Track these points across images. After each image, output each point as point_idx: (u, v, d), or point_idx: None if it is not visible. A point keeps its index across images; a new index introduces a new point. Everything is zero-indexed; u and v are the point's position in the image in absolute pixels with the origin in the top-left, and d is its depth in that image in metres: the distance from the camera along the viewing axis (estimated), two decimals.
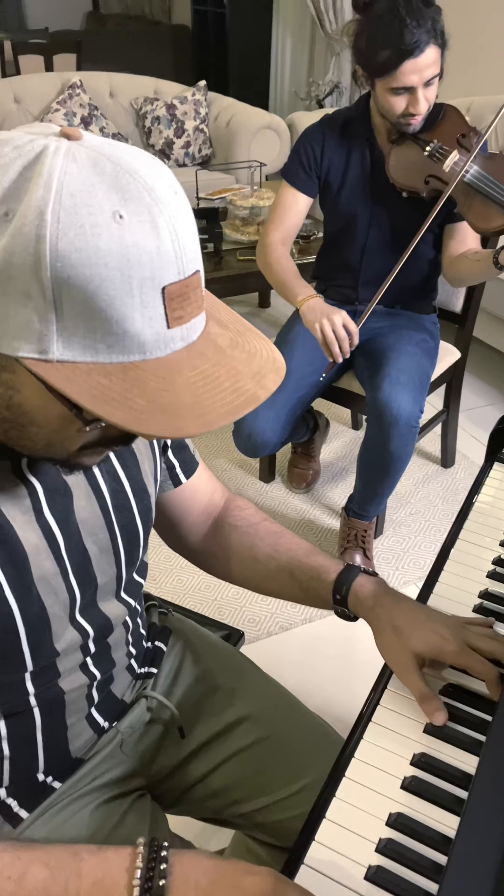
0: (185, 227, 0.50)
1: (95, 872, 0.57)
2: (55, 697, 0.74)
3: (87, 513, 0.70)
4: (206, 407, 0.49)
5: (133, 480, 0.76)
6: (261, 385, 0.53)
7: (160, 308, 0.48)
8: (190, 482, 0.90)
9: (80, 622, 0.72)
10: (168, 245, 0.48)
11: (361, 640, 1.83)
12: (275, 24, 5.30)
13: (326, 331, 1.67)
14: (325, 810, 0.65)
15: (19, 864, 0.57)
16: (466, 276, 1.81)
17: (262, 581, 0.89)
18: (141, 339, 0.48)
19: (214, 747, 0.88)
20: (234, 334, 0.56)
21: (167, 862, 0.57)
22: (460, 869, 0.56)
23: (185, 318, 0.50)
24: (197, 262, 0.51)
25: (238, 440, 1.88)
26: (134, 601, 0.82)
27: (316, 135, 1.81)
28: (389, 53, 1.52)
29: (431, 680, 0.75)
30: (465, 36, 3.60)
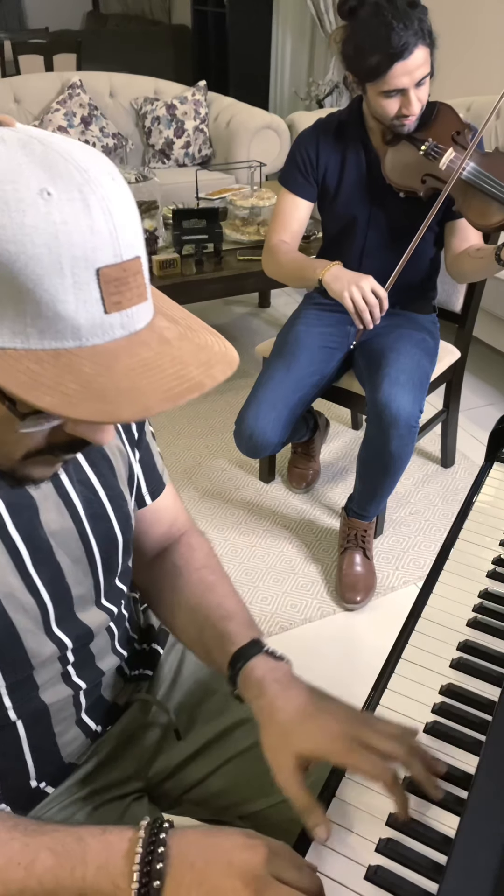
0: (121, 210, 0.47)
1: (99, 858, 0.59)
2: (38, 709, 0.73)
3: (57, 525, 0.69)
4: (144, 391, 0.47)
5: (109, 487, 0.74)
6: (208, 374, 0.50)
7: (95, 291, 0.46)
8: (155, 504, 0.87)
9: (57, 634, 0.71)
10: (101, 225, 0.46)
11: (361, 640, 1.83)
12: (275, 24, 5.30)
13: (357, 298, 1.64)
14: (325, 810, 0.65)
15: (28, 852, 0.59)
16: (469, 273, 1.81)
17: (176, 629, 0.85)
18: (75, 324, 0.46)
19: (214, 750, 0.88)
20: (185, 329, 0.53)
21: (165, 845, 0.58)
22: (460, 869, 0.56)
23: (125, 304, 0.48)
24: (137, 248, 0.49)
25: (239, 440, 1.88)
26: (117, 607, 0.80)
27: (310, 139, 1.81)
28: (378, 58, 1.52)
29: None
30: (465, 36, 3.60)
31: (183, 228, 2.49)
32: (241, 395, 1.95)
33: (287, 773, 0.65)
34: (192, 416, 2.73)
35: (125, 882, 0.57)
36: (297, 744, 0.65)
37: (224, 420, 2.68)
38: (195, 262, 2.51)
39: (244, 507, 2.27)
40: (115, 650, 0.83)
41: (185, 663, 0.94)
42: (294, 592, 1.96)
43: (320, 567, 2.04)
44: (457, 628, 0.83)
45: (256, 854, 0.58)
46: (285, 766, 0.65)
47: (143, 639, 0.94)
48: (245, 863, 0.57)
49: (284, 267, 1.84)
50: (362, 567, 1.94)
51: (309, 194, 1.86)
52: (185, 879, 0.57)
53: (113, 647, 0.82)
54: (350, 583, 1.91)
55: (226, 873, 0.57)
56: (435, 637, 0.82)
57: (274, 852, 0.58)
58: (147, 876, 0.57)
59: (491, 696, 0.74)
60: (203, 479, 2.39)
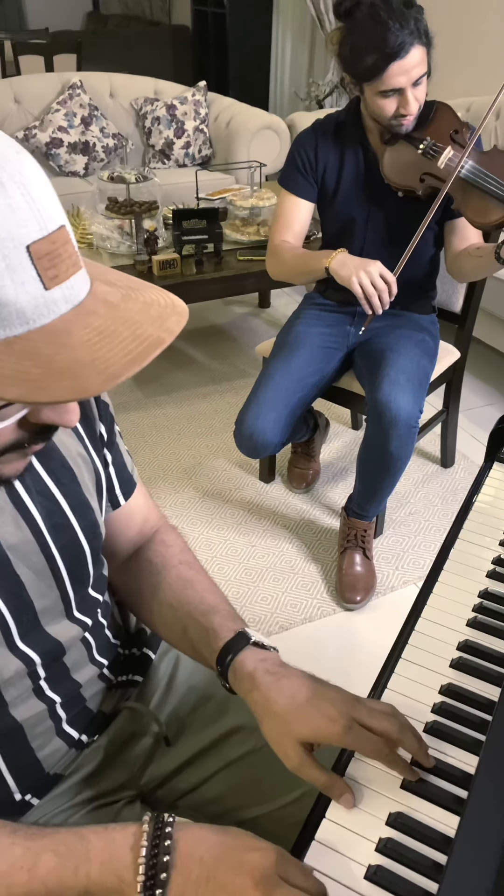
0: (35, 183, 0.46)
1: (103, 854, 0.59)
2: (9, 726, 0.71)
3: (15, 538, 0.67)
4: (108, 360, 0.46)
5: (70, 496, 0.73)
6: (163, 328, 0.50)
7: (30, 269, 0.45)
8: (127, 504, 0.86)
9: (23, 649, 0.70)
10: (19, 201, 0.45)
11: (361, 640, 1.83)
12: (275, 25, 5.31)
13: (365, 283, 1.63)
14: (325, 810, 0.65)
15: (30, 855, 0.59)
16: (469, 272, 1.81)
17: (159, 629, 0.84)
18: (19, 307, 0.45)
19: (209, 757, 0.87)
20: (126, 289, 0.52)
21: (171, 838, 0.58)
22: (460, 869, 0.56)
23: (62, 276, 0.47)
24: (59, 217, 0.48)
25: (239, 441, 1.88)
26: (92, 618, 0.79)
27: (309, 140, 1.81)
28: (375, 58, 1.52)
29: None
30: (465, 36, 3.60)
31: (183, 229, 2.49)
32: (241, 395, 1.95)
33: (296, 758, 0.65)
34: (192, 416, 2.73)
35: (130, 875, 0.57)
36: (296, 730, 0.66)
37: (224, 420, 2.68)
38: (195, 262, 2.51)
39: (244, 507, 2.27)
40: (94, 660, 0.81)
41: (179, 669, 0.92)
42: (294, 592, 1.96)
43: (320, 567, 2.04)
44: (457, 628, 0.83)
45: (267, 855, 0.58)
46: (292, 754, 0.66)
47: (133, 643, 0.92)
48: (255, 863, 0.57)
49: (289, 263, 1.84)
50: (362, 567, 1.94)
51: (309, 195, 1.86)
52: (193, 874, 0.57)
53: (91, 657, 0.80)
54: (350, 583, 1.91)
55: (235, 872, 0.57)
56: (435, 637, 0.82)
57: (282, 856, 0.58)
58: (153, 868, 0.57)
59: (491, 695, 0.74)
60: (203, 479, 2.39)
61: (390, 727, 0.65)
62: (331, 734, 0.64)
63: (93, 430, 0.78)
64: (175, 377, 2.98)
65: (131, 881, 0.57)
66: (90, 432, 0.77)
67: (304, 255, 1.81)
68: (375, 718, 0.65)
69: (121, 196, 2.74)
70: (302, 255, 1.81)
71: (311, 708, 0.66)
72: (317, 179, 1.84)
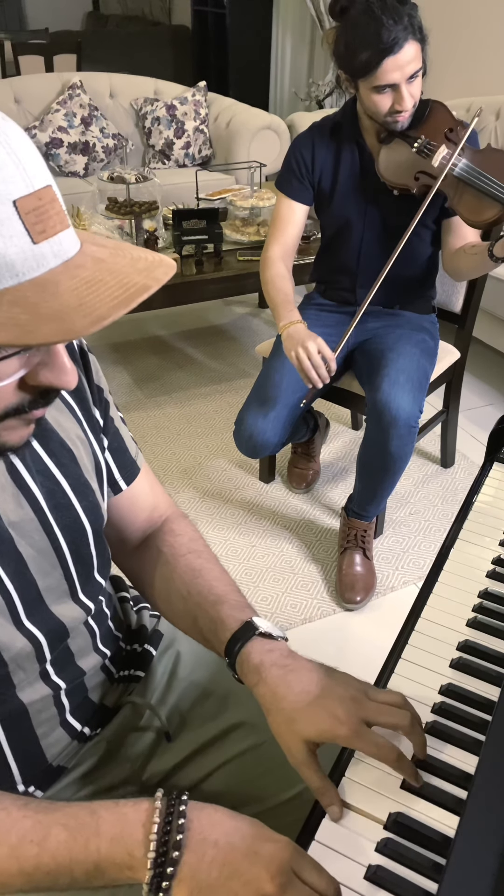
0: (20, 143, 0.48)
1: (113, 829, 0.59)
2: (16, 709, 0.72)
3: (16, 516, 0.68)
4: (94, 304, 0.48)
5: (71, 477, 0.74)
6: (150, 277, 0.51)
7: (17, 223, 0.47)
8: (130, 490, 0.86)
9: (29, 628, 0.70)
10: (4, 158, 0.46)
11: (361, 640, 1.83)
12: (275, 24, 5.31)
13: (302, 358, 1.67)
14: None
15: (40, 828, 0.59)
16: (465, 271, 1.81)
17: (172, 618, 0.84)
18: (8, 260, 0.46)
19: (209, 753, 0.87)
20: (114, 249, 0.54)
21: (185, 816, 0.58)
22: (460, 869, 0.56)
23: (49, 231, 0.48)
24: (46, 177, 0.50)
25: (238, 441, 1.88)
26: (96, 604, 0.79)
27: (306, 143, 1.82)
28: (369, 53, 1.53)
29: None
30: (465, 35, 3.60)
31: (183, 229, 2.49)
32: (241, 395, 1.95)
33: (299, 757, 0.65)
34: (192, 416, 2.73)
35: (141, 851, 0.57)
36: (303, 730, 0.65)
37: (224, 420, 2.68)
38: (195, 262, 2.51)
39: (244, 507, 2.27)
40: (97, 649, 0.82)
41: (179, 665, 0.93)
42: (294, 592, 1.96)
43: (320, 567, 2.04)
44: (457, 628, 0.83)
45: (283, 848, 0.57)
46: (296, 751, 0.65)
47: (135, 639, 0.93)
48: (271, 855, 0.57)
49: (267, 291, 1.87)
50: (362, 567, 1.94)
51: (305, 198, 1.87)
52: (207, 856, 0.57)
53: (94, 645, 0.81)
54: (350, 583, 1.91)
55: (251, 861, 0.57)
56: (435, 637, 0.82)
57: (298, 850, 0.58)
58: (164, 846, 0.57)
59: (491, 696, 0.74)
60: (203, 479, 2.39)
61: (401, 721, 0.64)
62: (337, 736, 0.64)
63: (90, 414, 0.78)
64: (175, 377, 2.98)
65: (141, 857, 0.57)
66: (87, 415, 0.78)
67: (277, 298, 1.83)
68: (385, 715, 0.64)
69: (121, 196, 2.74)
70: (278, 294, 1.83)
71: (318, 708, 0.65)
72: (313, 183, 1.84)
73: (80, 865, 0.58)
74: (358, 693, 0.66)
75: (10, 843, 0.58)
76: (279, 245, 1.89)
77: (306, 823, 0.65)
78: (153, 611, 0.98)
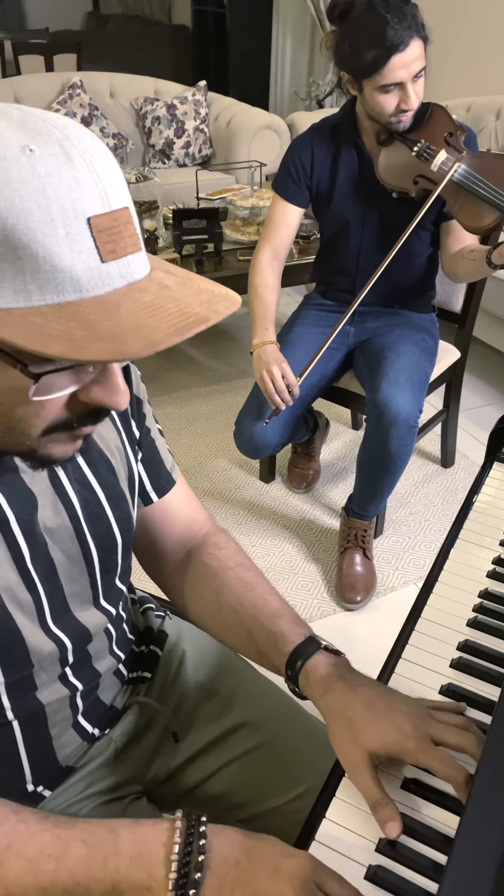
0: (104, 163, 0.49)
1: (133, 849, 0.58)
2: (35, 710, 0.72)
3: (53, 523, 0.69)
4: (151, 328, 0.48)
5: (107, 487, 0.74)
6: (211, 310, 0.51)
7: (88, 240, 0.47)
8: (163, 502, 0.86)
9: (55, 631, 0.71)
10: (86, 175, 0.47)
11: (361, 640, 1.83)
12: (275, 24, 5.30)
13: (266, 381, 1.73)
14: (325, 810, 0.65)
15: (59, 843, 0.58)
16: (463, 275, 1.81)
17: (221, 632, 0.84)
18: (74, 275, 0.47)
19: (212, 753, 0.87)
20: (183, 278, 0.54)
21: (206, 837, 0.58)
22: (460, 869, 0.56)
23: (119, 252, 0.49)
24: (124, 199, 0.50)
25: (239, 441, 1.88)
26: (115, 609, 0.80)
27: (304, 145, 1.82)
28: (375, 52, 1.52)
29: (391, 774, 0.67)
30: (465, 36, 3.60)
31: (183, 228, 2.49)
32: (241, 395, 1.95)
33: (359, 769, 0.64)
34: (192, 416, 2.73)
35: (161, 872, 0.57)
36: (368, 741, 0.64)
37: (224, 420, 2.68)
38: (195, 262, 2.51)
39: (244, 507, 2.27)
40: (113, 652, 0.82)
41: (183, 666, 0.93)
42: (294, 592, 1.96)
43: (320, 567, 2.04)
44: (457, 628, 0.83)
45: (304, 863, 0.57)
46: (357, 763, 0.64)
47: (142, 641, 0.93)
48: (293, 870, 0.56)
49: (251, 298, 1.88)
50: (362, 567, 1.94)
51: (301, 200, 1.86)
52: (229, 877, 0.56)
53: (111, 648, 0.81)
54: (350, 583, 1.91)
55: (273, 878, 0.56)
56: (435, 637, 0.82)
57: (319, 863, 0.58)
58: (186, 867, 0.56)
59: (491, 696, 0.74)
60: (203, 479, 2.39)
61: (467, 744, 0.64)
62: (403, 750, 0.63)
63: (128, 424, 0.79)
64: (175, 377, 2.98)
65: (162, 878, 0.56)
66: (126, 426, 0.79)
67: (258, 310, 1.85)
68: (452, 735, 0.64)
69: None
70: (259, 306, 1.85)
71: (385, 721, 0.64)
72: (310, 185, 1.84)
73: (97, 884, 0.57)
74: (423, 710, 0.66)
75: (28, 856, 0.58)
76: (270, 248, 1.89)
77: (306, 824, 0.65)
78: (158, 611, 0.98)
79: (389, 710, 0.65)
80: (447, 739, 0.64)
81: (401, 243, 1.67)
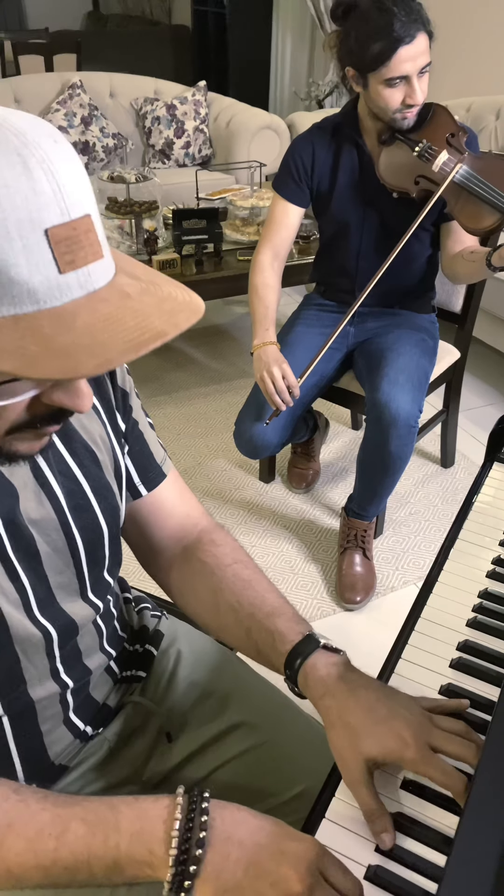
0: (65, 170, 0.47)
1: (134, 825, 0.58)
2: (25, 706, 0.72)
3: (37, 514, 0.68)
4: (105, 344, 0.47)
5: (92, 479, 0.73)
6: (170, 323, 0.50)
7: (46, 252, 0.46)
8: (154, 496, 0.85)
9: (41, 620, 0.70)
10: (44, 185, 0.46)
11: (361, 640, 1.83)
12: (275, 24, 5.31)
13: (267, 382, 1.73)
14: (325, 810, 0.65)
15: (59, 822, 0.58)
16: (463, 276, 1.81)
17: (219, 631, 0.83)
18: (30, 287, 0.46)
19: (209, 753, 0.87)
20: (147, 284, 0.53)
21: (208, 814, 0.58)
22: (460, 869, 0.56)
23: (79, 262, 0.48)
24: (86, 205, 0.49)
25: (238, 442, 1.88)
26: (104, 603, 0.80)
27: (305, 144, 1.81)
28: (382, 44, 1.53)
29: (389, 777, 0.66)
30: (465, 35, 3.60)
31: (183, 228, 2.49)
32: (241, 395, 1.95)
33: (356, 776, 0.63)
34: (192, 416, 2.73)
35: (162, 849, 0.56)
36: (367, 748, 0.63)
37: (224, 420, 2.68)
38: (195, 262, 2.51)
39: (244, 507, 2.27)
40: (104, 648, 0.82)
41: (180, 665, 0.93)
42: (294, 592, 1.96)
43: (320, 567, 2.04)
44: (457, 628, 0.83)
45: (310, 848, 0.57)
46: (354, 769, 0.63)
47: (137, 640, 0.93)
48: (299, 854, 0.56)
49: (252, 298, 1.88)
50: (362, 567, 1.94)
51: (301, 200, 1.86)
52: (232, 855, 0.56)
53: (101, 645, 0.81)
54: (350, 583, 1.91)
55: (278, 861, 0.56)
56: (435, 637, 0.82)
57: (324, 850, 0.58)
58: (187, 843, 0.56)
59: (491, 696, 0.74)
60: (203, 479, 2.39)
61: (467, 753, 0.63)
62: (403, 758, 0.62)
63: (113, 417, 0.79)
64: (175, 377, 2.98)
65: (162, 855, 0.56)
66: (111, 418, 0.78)
67: (259, 310, 1.84)
68: (452, 744, 0.63)
69: (121, 196, 2.74)
70: (260, 306, 1.85)
71: (385, 728, 0.63)
72: (311, 185, 1.84)
73: (98, 861, 0.57)
74: (423, 718, 0.65)
75: (28, 835, 0.58)
76: (270, 248, 1.89)
77: (306, 823, 0.65)
78: (154, 611, 0.98)
79: (390, 716, 0.64)
80: (447, 749, 0.63)
81: (401, 245, 1.66)
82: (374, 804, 0.62)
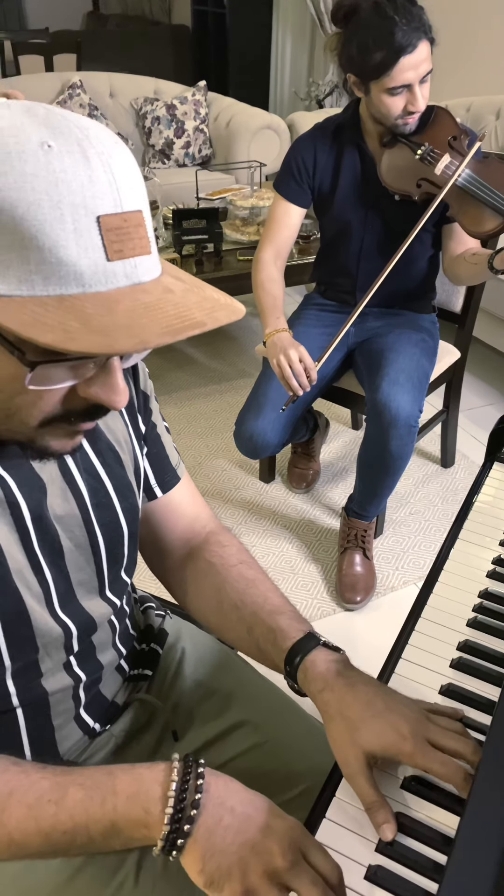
0: (122, 165, 0.50)
1: (130, 788, 0.60)
2: (39, 698, 0.73)
3: (62, 510, 0.69)
4: (144, 327, 0.48)
5: (115, 478, 0.75)
6: (211, 316, 0.52)
7: (96, 238, 0.48)
8: (167, 498, 0.87)
9: (62, 617, 0.71)
10: (100, 175, 0.48)
11: (361, 640, 1.83)
12: (275, 24, 5.31)
13: (283, 365, 1.69)
14: (325, 810, 0.65)
15: (58, 788, 0.60)
16: (464, 278, 1.81)
17: (222, 629, 0.84)
18: (78, 270, 0.47)
19: (211, 752, 0.87)
20: (190, 285, 0.55)
21: (203, 779, 0.59)
22: (460, 869, 0.56)
23: (126, 252, 0.49)
24: (139, 202, 0.51)
25: (239, 441, 1.88)
26: (120, 601, 0.80)
27: (307, 145, 1.81)
28: (384, 53, 1.52)
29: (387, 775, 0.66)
30: (465, 36, 3.60)
31: (183, 228, 2.49)
32: (242, 395, 1.95)
33: (355, 769, 0.64)
34: (192, 416, 2.73)
35: (157, 808, 0.58)
36: (365, 741, 0.64)
37: (224, 420, 2.68)
38: (195, 262, 2.51)
39: (244, 507, 2.27)
40: (115, 646, 0.83)
41: (183, 664, 0.93)
42: (294, 592, 1.96)
43: (320, 567, 2.04)
44: (457, 628, 0.83)
45: (294, 827, 0.59)
46: (353, 763, 0.64)
47: (143, 639, 0.94)
48: (284, 831, 0.58)
49: (257, 293, 1.88)
50: (362, 567, 1.94)
51: (302, 201, 1.86)
52: (224, 820, 0.58)
53: (113, 642, 0.82)
54: (350, 583, 1.91)
55: (265, 833, 0.58)
56: (435, 637, 0.82)
57: (305, 831, 0.59)
58: (182, 802, 0.58)
59: (491, 696, 0.74)
60: (203, 479, 2.39)
61: (465, 749, 0.64)
62: (400, 752, 0.63)
63: (135, 419, 0.80)
64: (175, 377, 2.98)
65: (157, 813, 0.58)
66: (133, 420, 0.79)
67: (266, 302, 1.84)
68: (449, 739, 0.64)
69: None
70: (267, 298, 1.84)
71: (384, 721, 0.64)
72: (312, 186, 1.84)
73: (96, 824, 0.59)
74: (421, 713, 0.66)
75: (28, 802, 0.60)
76: (272, 247, 1.89)
77: (307, 823, 0.65)
78: (158, 610, 0.98)
79: (388, 710, 0.65)
80: (444, 743, 0.64)
81: (404, 248, 1.66)
82: (375, 795, 0.63)
